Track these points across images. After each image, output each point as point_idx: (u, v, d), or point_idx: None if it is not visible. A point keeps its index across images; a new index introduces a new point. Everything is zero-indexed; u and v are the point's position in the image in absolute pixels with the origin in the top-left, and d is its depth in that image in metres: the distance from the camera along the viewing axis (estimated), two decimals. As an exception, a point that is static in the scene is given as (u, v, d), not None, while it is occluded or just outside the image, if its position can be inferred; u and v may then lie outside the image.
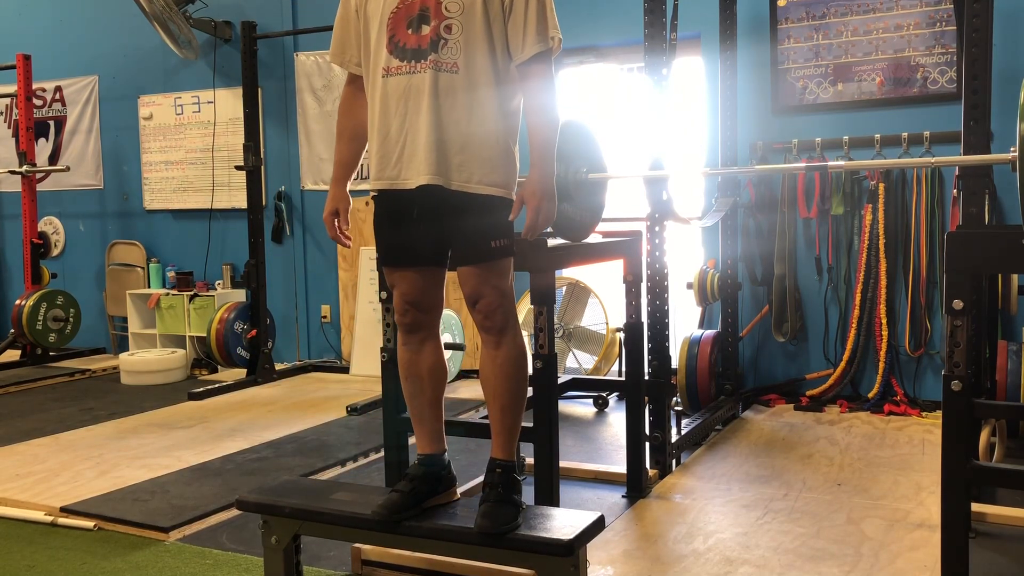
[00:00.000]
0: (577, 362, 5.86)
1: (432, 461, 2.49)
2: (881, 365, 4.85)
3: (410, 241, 2.39)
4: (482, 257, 2.32)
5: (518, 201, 2.33)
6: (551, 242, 3.00)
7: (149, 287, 7.00)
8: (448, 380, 6.37)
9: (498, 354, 2.37)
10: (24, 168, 6.59)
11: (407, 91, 2.28)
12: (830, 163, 3.95)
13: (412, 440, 3.19)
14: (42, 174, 7.16)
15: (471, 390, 5.50)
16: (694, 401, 4.63)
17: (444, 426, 2.56)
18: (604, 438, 4.52)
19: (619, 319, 4.17)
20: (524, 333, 2.49)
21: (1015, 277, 4.03)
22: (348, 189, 2.56)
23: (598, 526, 2.35)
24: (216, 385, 5.72)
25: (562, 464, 3.13)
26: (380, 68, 2.33)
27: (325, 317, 6.66)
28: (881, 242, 4.81)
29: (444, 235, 2.36)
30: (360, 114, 2.47)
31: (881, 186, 4.82)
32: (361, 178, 6.13)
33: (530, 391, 3.37)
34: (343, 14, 2.47)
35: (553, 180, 2.33)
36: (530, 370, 2.51)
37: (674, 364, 4.27)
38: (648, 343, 3.73)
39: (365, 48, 2.39)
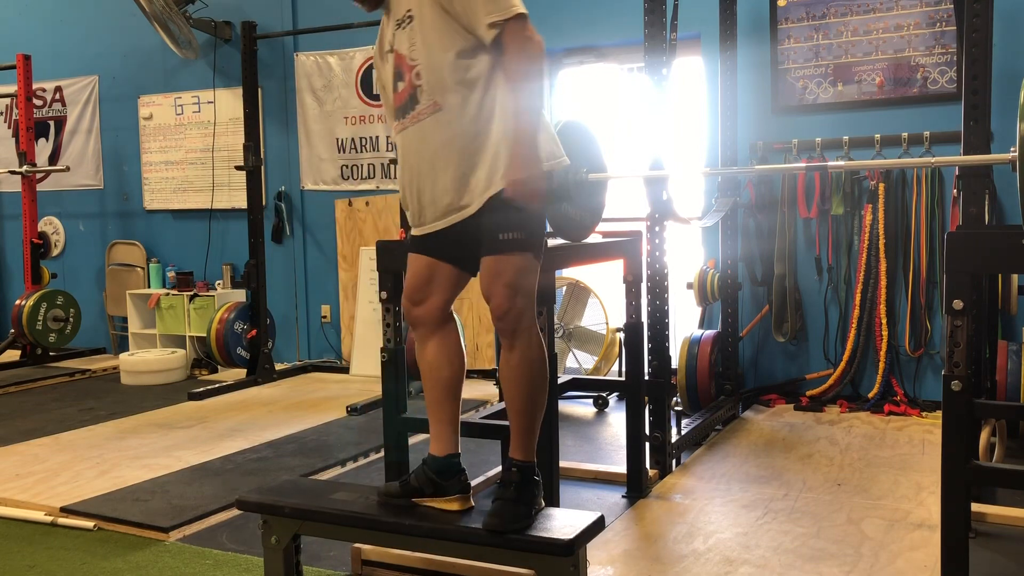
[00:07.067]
0: (577, 362, 5.86)
1: (431, 463, 2.44)
2: (881, 365, 4.85)
3: (435, 243, 2.41)
4: (490, 250, 2.31)
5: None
6: (551, 242, 2.99)
7: (149, 287, 7.00)
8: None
9: (511, 357, 2.34)
10: (24, 168, 6.59)
11: (407, 148, 2.39)
12: (830, 163, 3.95)
13: (412, 440, 3.20)
14: (42, 174, 7.16)
15: (471, 390, 5.48)
16: (694, 401, 4.63)
17: (449, 429, 2.46)
18: (604, 438, 4.52)
19: (619, 319, 4.17)
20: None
21: (1015, 277, 4.03)
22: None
23: (598, 526, 2.35)
24: (216, 385, 5.72)
25: (562, 464, 3.13)
26: (394, 129, 2.45)
27: (325, 317, 6.66)
28: (881, 242, 4.81)
29: (467, 248, 2.38)
30: None
31: (881, 186, 4.82)
32: (362, 178, 6.13)
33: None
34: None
35: (531, 154, 2.25)
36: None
37: (674, 364, 4.27)
38: (648, 343, 3.73)
39: None
